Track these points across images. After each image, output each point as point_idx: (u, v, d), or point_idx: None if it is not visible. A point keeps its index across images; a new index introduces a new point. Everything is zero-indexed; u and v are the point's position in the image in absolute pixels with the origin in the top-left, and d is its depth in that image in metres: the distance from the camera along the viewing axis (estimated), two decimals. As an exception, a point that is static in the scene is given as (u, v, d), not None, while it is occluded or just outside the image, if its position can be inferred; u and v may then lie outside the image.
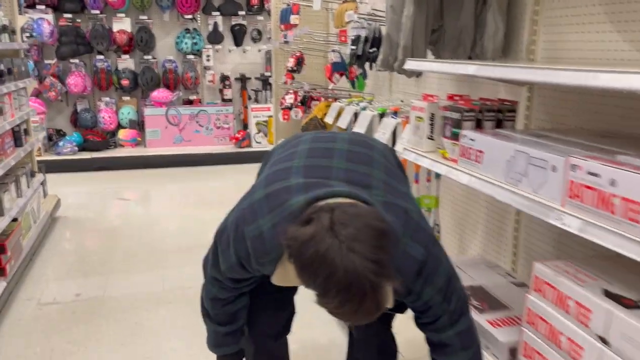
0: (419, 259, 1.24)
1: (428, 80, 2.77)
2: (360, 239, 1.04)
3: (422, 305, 1.32)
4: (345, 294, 1.03)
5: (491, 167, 1.49)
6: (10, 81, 3.29)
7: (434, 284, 1.29)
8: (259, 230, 1.25)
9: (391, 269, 1.08)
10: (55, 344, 2.58)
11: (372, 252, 1.04)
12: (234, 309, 1.53)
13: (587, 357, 1.17)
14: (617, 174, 1.08)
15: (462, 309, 1.35)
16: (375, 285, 1.03)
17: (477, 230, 2.42)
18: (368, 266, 1.02)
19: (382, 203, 1.25)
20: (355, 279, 1.02)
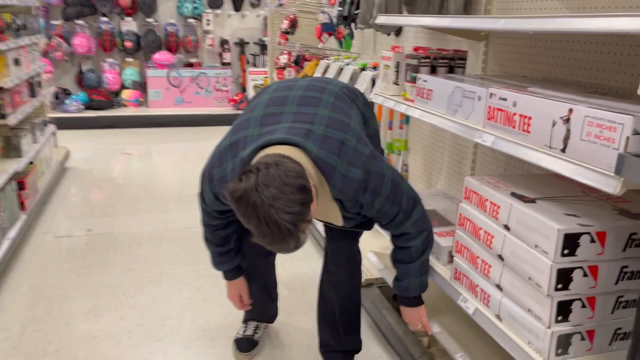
0: (359, 179, 1.55)
1: (406, 38, 3.06)
2: (278, 197, 1.35)
3: (378, 212, 1.65)
4: (271, 237, 1.38)
5: (437, 103, 1.81)
6: (25, 35, 3.58)
7: (381, 194, 1.60)
8: (224, 173, 1.61)
9: (307, 215, 1.40)
10: (71, 268, 2.94)
11: (289, 206, 1.35)
12: (224, 234, 1.89)
13: (496, 242, 1.51)
14: (517, 96, 1.40)
15: (413, 204, 1.67)
16: (292, 231, 1.37)
17: (442, 169, 2.75)
18: (285, 218, 1.34)
19: (321, 136, 1.55)
20: (277, 228, 1.35)
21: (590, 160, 1.16)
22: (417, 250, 1.72)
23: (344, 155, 1.56)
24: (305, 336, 2.35)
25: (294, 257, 3.08)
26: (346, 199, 1.59)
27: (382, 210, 1.64)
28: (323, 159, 1.52)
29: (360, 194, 1.58)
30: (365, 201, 1.60)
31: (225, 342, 2.29)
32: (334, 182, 1.54)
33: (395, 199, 1.63)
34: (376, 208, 1.63)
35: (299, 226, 1.39)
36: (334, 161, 1.54)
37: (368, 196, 1.59)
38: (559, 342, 1.35)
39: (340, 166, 1.54)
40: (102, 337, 2.32)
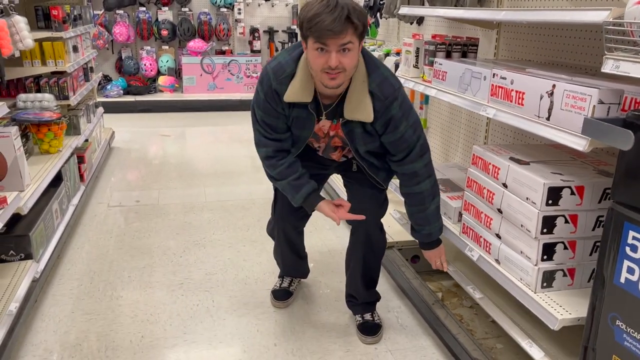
0: (395, 86, 1.84)
1: (427, 27, 3.33)
2: None
3: (399, 138, 1.88)
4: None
5: (451, 83, 2.10)
6: (80, 25, 3.96)
7: (408, 119, 1.86)
8: (278, 61, 1.87)
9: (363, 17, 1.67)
10: (125, 232, 3.33)
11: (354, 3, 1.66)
12: (286, 163, 2.02)
13: (496, 199, 1.80)
14: (514, 76, 1.69)
15: (427, 148, 1.95)
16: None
17: (459, 144, 3.05)
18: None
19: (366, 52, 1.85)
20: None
21: (567, 125, 1.45)
22: (428, 196, 2.00)
23: (387, 69, 1.86)
24: (333, 291, 2.68)
25: (322, 227, 3.42)
26: (380, 97, 1.81)
27: (403, 137, 1.88)
28: (371, 55, 1.82)
29: (393, 103, 1.82)
30: (394, 113, 1.82)
31: (265, 293, 2.64)
32: (374, 77, 1.81)
33: (416, 131, 1.90)
34: (400, 132, 1.87)
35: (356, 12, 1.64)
36: (380, 64, 1.83)
37: (398, 110, 1.84)
38: (544, 277, 1.65)
39: (383, 70, 1.84)
40: (157, 287, 2.69)
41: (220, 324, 2.38)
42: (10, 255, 2.45)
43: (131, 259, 2.97)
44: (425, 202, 2.01)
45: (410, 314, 2.48)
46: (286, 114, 1.93)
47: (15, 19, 2.87)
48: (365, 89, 1.81)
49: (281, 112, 1.93)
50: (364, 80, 1.80)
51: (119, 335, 2.29)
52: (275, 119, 1.95)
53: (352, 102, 1.83)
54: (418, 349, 2.24)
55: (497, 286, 1.84)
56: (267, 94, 1.89)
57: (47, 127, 3.03)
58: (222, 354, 2.19)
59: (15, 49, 2.87)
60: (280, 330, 2.35)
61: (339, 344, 2.26)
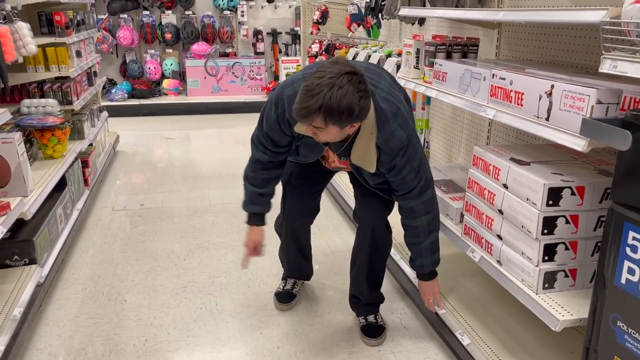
0: (402, 139, 1.84)
1: (428, 27, 3.33)
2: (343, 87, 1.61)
3: (401, 180, 1.94)
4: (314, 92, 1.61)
5: (451, 83, 2.10)
6: (84, 30, 3.98)
7: (411, 163, 1.90)
8: (294, 90, 1.83)
9: (347, 107, 1.63)
10: (129, 236, 3.35)
11: (340, 97, 1.60)
12: (266, 176, 2.14)
13: (497, 200, 1.80)
14: (513, 76, 1.68)
15: (427, 186, 1.97)
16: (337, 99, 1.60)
17: (461, 145, 3.04)
18: (340, 96, 1.60)
19: (382, 98, 1.84)
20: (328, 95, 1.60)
21: (566, 126, 1.44)
22: (424, 231, 2.02)
23: (397, 118, 1.85)
24: (337, 293, 2.68)
25: (327, 229, 3.42)
26: (386, 151, 1.85)
27: (404, 180, 1.93)
28: (384, 110, 1.82)
29: (399, 155, 1.85)
30: (397, 161, 1.87)
31: (268, 296, 2.64)
32: (383, 132, 1.82)
33: (418, 174, 1.93)
34: (402, 175, 1.92)
35: (341, 106, 1.62)
36: (390, 117, 1.83)
37: (402, 160, 1.87)
38: (546, 278, 1.64)
39: (392, 123, 1.83)
40: (161, 290, 2.70)
41: (224, 327, 2.39)
42: (14, 260, 2.47)
43: (135, 263, 2.98)
44: (420, 237, 2.04)
45: (413, 316, 2.48)
46: (294, 136, 2.00)
47: (18, 25, 2.89)
48: (373, 141, 1.85)
49: (289, 135, 1.99)
50: (372, 132, 1.84)
51: (123, 339, 2.30)
52: (280, 137, 2.01)
53: (358, 151, 1.89)
54: (422, 351, 2.23)
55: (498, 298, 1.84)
56: (280, 118, 1.93)
57: (51, 132, 3.04)
58: (226, 357, 2.20)
59: (19, 55, 2.89)
60: (283, 333, 2.35)
61: (343, 347, 2.26)
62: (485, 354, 1.92)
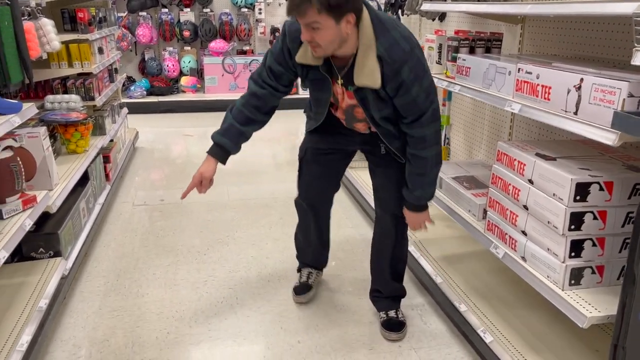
0: (406, 49, 1.75)
1: (449, 23, 3.30)
2: None
3: (412, 101, 1.83)
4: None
5: (474, 78, 2.08)
6: (105, 27, 4.03)
7: (421, 83, 1.81)
8: (293, 20, 1.84)
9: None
10: (150, 231, 3.38)
11: None
12: (253, 115, 2.10)
13: (522, 195, 1.78)
14: (540, 70, 1.66)
15: (439, 115, 1.92)
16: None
17: (482, 141, 3.02)
18: None
19: (382, 13, 1.80)
20: None
21: (596, 119, 1.42)
22: (432, 162, 1.96)
23: (400, 29, 1.81)
24: (356, 288, 2.68)
25: (345, 225, 3.42)
26: (388, 62, 1.76)
27: (416, 101, 1.83)
28: (382, 18, 1.78)
29: (403, 67, 1.76)
30: (404, 77, 1.77)
31: (288, 291, 2.65)
32: (383, 40, 1.76)
33: (429, 96, 1.85)
34: (412, 96, 1.81)
35: None
36: (390, 27, 1.78)
37: (409, 74, 1.77)
38: (572, 275, 1.62)
39: (394, 33, 1.78)
40: (182, 284, 2.72)
41: (245, 320, 2.40)
42: (39, 253, 2.50)
43: (156, 257, 3.01)
44: (427, 168, 1.97)
45: (434, 312, 2.47)
46: (298, 73, 2.00)
47: (43, 22, 2.93)
48: (373, 53, 1.77)
49: (291, 68, 1.99)
50: (371, 45, 1.77)
51: (145, 331, 2.32)
52: (282, 70, 2.00)
53: (359, 68, 1.81)
54: (443, 348, 2.22)
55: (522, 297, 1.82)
56: (283, 48, 1.96)
57: (74, 128, 3.08)
58: (247, 351, 2.21)
59: (43, 51, 2.93)
60: (303, 328, 2.35)
61: (363, 342, 2.26)
62: (509, 352, 1.91)
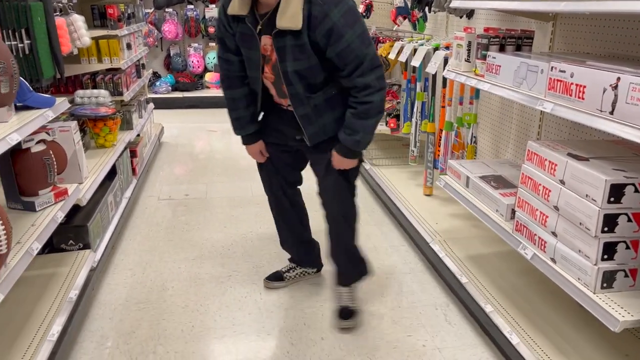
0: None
1: (477, 20, 3.26)
2: None
3: (346, 48, 1.80)
4: None
5: (504, 77, 2.05)
6: (133, 23, 4.08)
7: (354, 28, 1.80)
8: None
9: None
10: (175, 225, 3.41)
11: None
12: (231, 95, 2.19)
13: (553, 196, 1.75)
14: (574, 69, 1.63)
15: (379, 62, 1.88)
16: None
17: (510, 140, 2.98)
18: None
19: None
20: None
21: (633, 119, 1.39)
22: (376, 107, 1.93)
23: None
24: (379, 286, 2.67)
25: (367, 223, 3.41)
26: (318, 1, 1.74)
27: (351, 47, 1.79)
28: None
29: (334, 10, 1.75)
30: (335, 20, 1.74)
31: (311, 287, 2.65)
32: None
33: (364, 42, 1.82)
34: (346, 41, 1.78)
35: None
36: None
37: (339, 18, 1.75)
38: (604, 278, 1.59)
39: None
40: (207, 278, 2.75)
41: (268, 316, 2.41)
42: (69, 245, 2.55)
43: (181, 251, 3.05)
44: (370, 113, 1.94)
45: (459, 312, 2.45)
46: (233, 32, 2.01)
47: (74, 18, 2.99)
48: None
49: (230, 31, 2.01)
50: None
51: (171, 324, 2.35)
52: (225, 36, 2.05)
53: (282, 10, 1.79)
54: (468, 348, 2.20)
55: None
56: (220, 10, 2.02)
57: (103, 122, 3.13)
58: (271, 346, 2.22)
59: (74, 47, 2.98)
60: (327, 325, 2.36)
61: (387, 340, 2.25)
62: (535, 354, 1.88)
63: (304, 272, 2.70)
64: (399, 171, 3.87)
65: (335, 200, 2.26)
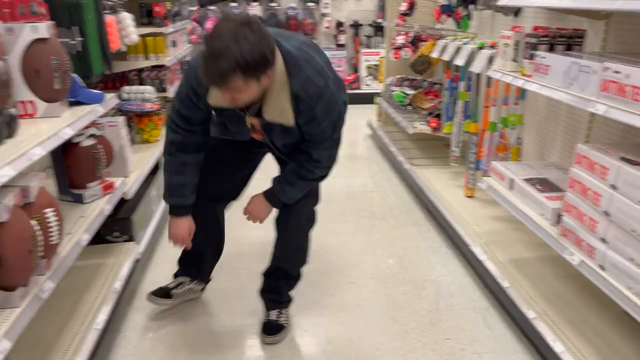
0: (320, 85, 1.78)
1: (524, 19, 3.18)
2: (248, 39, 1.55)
3: (319, 132, 1.89)
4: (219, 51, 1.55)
5: (554, 77, 1.99)
6: (179, 21, 4.16)
7: (332, 115, 1.85)
8: (199, 58, 1.73)
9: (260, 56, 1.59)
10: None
11: (254, 44, 1.56)
12: (184, 159, 2.01)
13: (603, 201, 1.69)
14: (629, 69, 1.57)
15: (338, 144, 1.97)
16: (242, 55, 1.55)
17: (555, 142, 2.89)
18: (247, 48, 1.55)
19: (297, 46, 1.78)
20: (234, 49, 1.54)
21: (693, 124, 1.32)
22: (316, 178, 2.04)
23: (313, 65, 1.79)
24: (415, 287, 2.65)
25: (405, 223, 3.37)
26: (304, 99, 1.78)
27: (323, 132, 1.90)
28: (295, 55, 1.75)
29: (319, 103, 1.80)
30: (318, 111, 1.82)
31: (346, 286, 2.65)
32: (297, 79, 1.75)
33: (336, 128, 1.92)
34: (321, 127, 1.88)
35: (248, 60, 1.56)
36: (304, 63, 1.76)
37: (322, 109, 1.82)
38: (658, 287, 1.53)
39: (307, 69, 1.77)
40: (246, 274, 2.77)
41: (306, 313, 2.42)
42: (114, 237, 2.63)
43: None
44: (309, 178, 2.03)
45: (499, 317, 2.40)
46: (209, 110, 1.94)
47: (123, 16, 3.07)
48: (287, 91, 1.77)
49: (202, 109, 1.92)
50: (284, 82, 1.76)
51: (211, 317, 2.39)
52: (192, 112, 1.93)
53: (270, 105, 1.80)
54: (508, 354, 2.15)
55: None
56: (190, 93, 1.87)
57: (148, 118, 3.21)
58: (308, 343, 2.23)
59: (122, 44, 3.07)
60: (364, 324, 2.35)
61: (424, 342, 2.23)
62: (580, 363, 1.82)
63: (192, 289, 2.46)
64: (439, 172, 3.81)
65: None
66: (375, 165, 4.66)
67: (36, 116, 1.92)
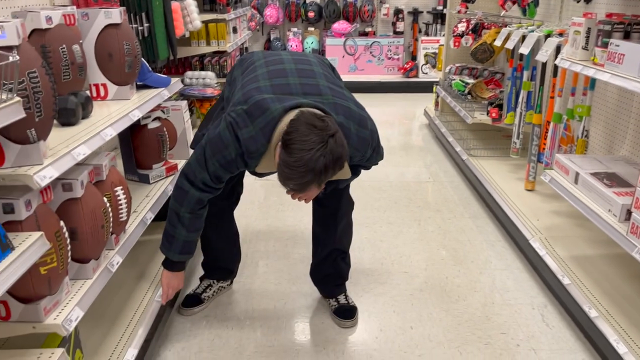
0: (367, 138, 1.84)
1: (596, 5, 3.03)
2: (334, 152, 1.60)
3: (365, 160, 1.93)
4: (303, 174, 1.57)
5: (629, 67, 1.89)
6: (240, 7, 4.22)
7: (372, 146, 1.89)
8: (251, 134, 1.69)
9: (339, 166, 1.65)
10: (270, 204, 3.53)
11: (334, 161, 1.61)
12: (205, 212, 1.94)
13: (678, 198, 1.60)
14: None
15: (379, 152, 2.00)
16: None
17: (626, 135, 2.75)
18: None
19: (332, 104, 1.78)
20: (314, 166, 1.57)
21: None
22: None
23: (353, 118, 1.81)
24: (470, 281, 2.61)
25: (462, 216, 3.31)
26: (359, 154, 1.86)
27: (369, 159, 1.94)
28: (343, 123, 1.76)
29: (368, 149, 1.88)
30: (368, 154, 1.90)
31: (401, 276, 2.64)
32: (352, 142, 1.78)
33: (375, 149, 1.93)
34: (366, 157, 1.92)
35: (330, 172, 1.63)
36: (349, 124, 1.79)
37: (370, 151, 1.90)
38: None
39: (353, 128, 1.80)
40: (299, 259, 2.81)
41: (358, 300, 2.43)
42: (175, 217, 2.72)
43: (275, 231, 3.15)
44: (358, 173, 2.06)
45: (557, 314, 2.33)
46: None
47: (187, 2, 3.15)
48: None
49: (241, 171, 1.92)
50: None
51: (264, 299, 2.45)
52: (229, 174, 1.84)
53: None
54: (566, 353, 2.09)
55: None
56: (237, 161, 1.76)
57: (209, 103, 3.29)
58: (359, 330, 2.25)
59: (186, 30, 3.15)
60: (416, 315, 2.34)
61: (478, 335, 2.20)
62: (645, 366, 1.75)
63: (220, 287, 2.48)
64: (498, 163, 3.72)
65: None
66: (431, 155, 4.59)
67: (107, 99, 2.01)
